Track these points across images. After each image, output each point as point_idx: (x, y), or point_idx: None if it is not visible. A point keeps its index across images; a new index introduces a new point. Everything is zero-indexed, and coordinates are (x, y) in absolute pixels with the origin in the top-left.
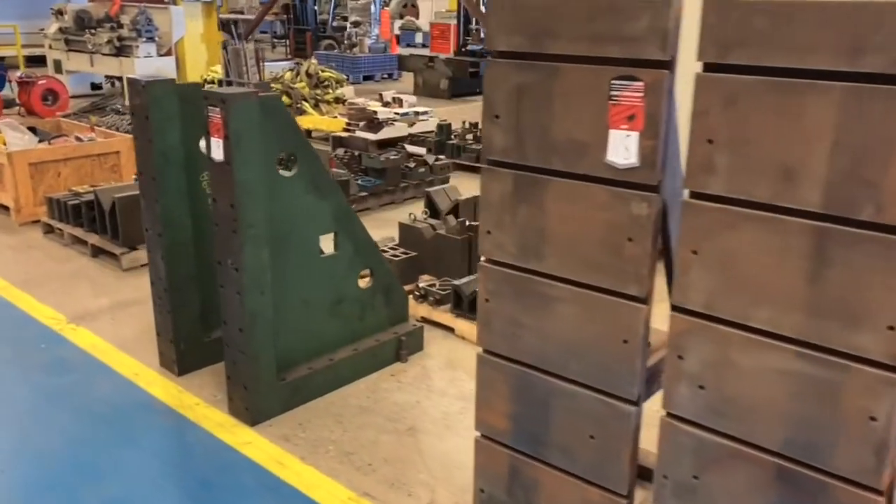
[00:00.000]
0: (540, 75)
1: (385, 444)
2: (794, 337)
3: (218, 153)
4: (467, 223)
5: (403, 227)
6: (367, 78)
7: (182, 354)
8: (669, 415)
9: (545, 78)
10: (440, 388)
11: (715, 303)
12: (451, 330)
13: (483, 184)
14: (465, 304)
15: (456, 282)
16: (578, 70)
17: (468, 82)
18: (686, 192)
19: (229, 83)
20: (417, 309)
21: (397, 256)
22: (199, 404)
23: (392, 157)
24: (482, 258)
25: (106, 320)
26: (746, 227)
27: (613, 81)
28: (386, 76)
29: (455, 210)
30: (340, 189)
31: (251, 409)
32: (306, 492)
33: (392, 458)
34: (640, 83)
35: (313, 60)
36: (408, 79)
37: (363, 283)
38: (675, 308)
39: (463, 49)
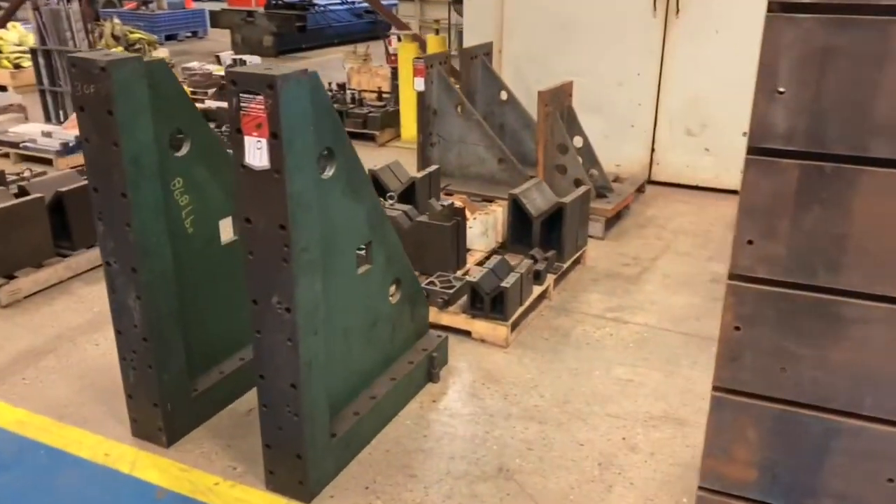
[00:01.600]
0: (863, 34)
1: (489, 497)
2: None
3: (259, 158)
4: (455, 206)
5: None
6: (169, 38)
7: (170, 418)
8: None
9: (872, 37)
10: (499, 410)
11: None
12: (466, 333)
13: (746, 181)
14: (486, 304)
15: (470, 278)
16: None
17: (295, 37)
18: None
19: (47, 53)
20: None
21: None
22: (220, 483)
23: None
24: (731, 275)
25: (17, 383)
26: None
27: None
28: (190, 34)
29: (411, 191)
30: (372, 185)
31: (307, 482)
32: None
33: None
34: None
35: (116, 20)
36: (218, 37)
37: (393, 297)
38: None
39: (275, 2)
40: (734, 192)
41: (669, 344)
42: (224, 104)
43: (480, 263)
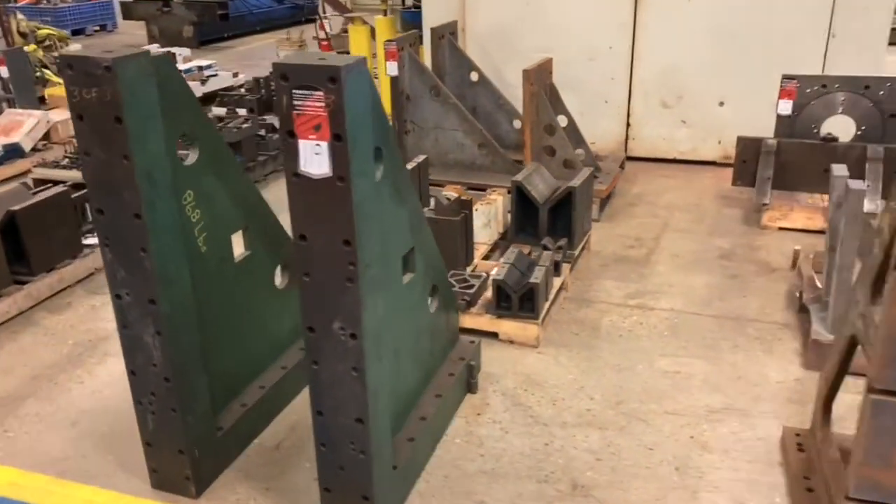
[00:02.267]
0: None
1: None
2: None
3: (319, 165)
4: (462, 198)
5: None
6: (76, 32)
7: (198, 465)
8: None
9: None
10: (552, 418)
11: None
12: (492, 335)
13: None
14: (513, 302)
15: (492, 275)
16: None
17: (217, 26)
18: None
19: None
20: None
21: None
22: None
23: (244, 127)
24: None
25: None
26: None
27: None
28: (98, 28)
29: None
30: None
31: None
32: None
33: None
34: None
35: (20, 16)
36: (130, 30)
37: (432, 306)
38: None
39: None
40: (713, 163)
41: (703, 328)
42: None
43: (486, 257)
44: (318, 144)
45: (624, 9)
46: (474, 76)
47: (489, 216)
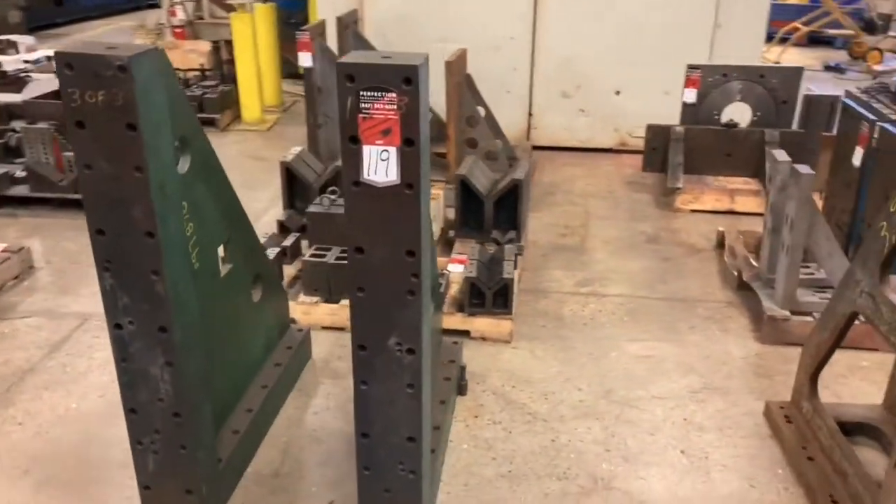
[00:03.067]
0: None
1: None
2: None
3: (386, 172)
4: None
5: (315, 216)
6: None
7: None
8: None
9: None
10: (549, 413)
11: None
12: (463, 333)
13: None
14: (487, 299)
15: (466, 273)
16: None
17: (49, 11)
18: None
19: None
20: None
21: (322, 257)
22: None
23: None
24: None
25: None
26: None
27: None
28: None
29: (336, 180)
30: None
31: None
32: None
33: None
34: None
35: None
36: None
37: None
38: None
39: None
40: (610, 150)
41: (657, 312)
42: (10, 97)
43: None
44: (385, 150)
45: (525, 1)
46: None
47: (434, 211)
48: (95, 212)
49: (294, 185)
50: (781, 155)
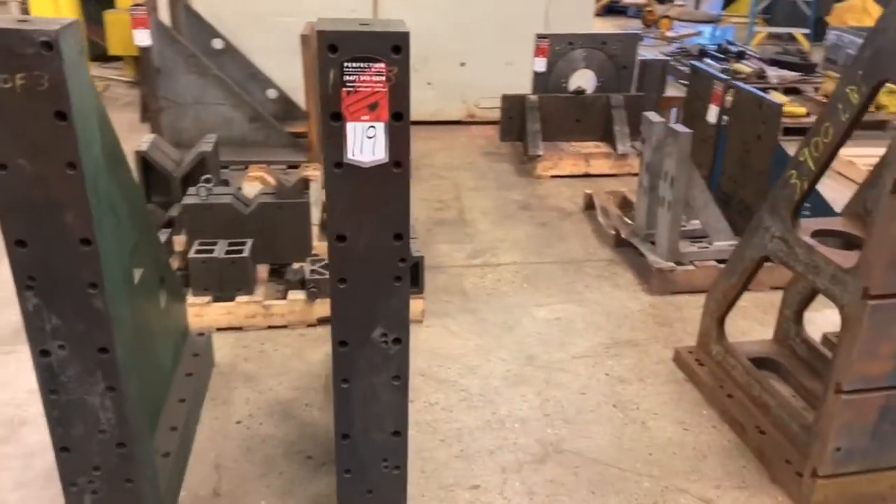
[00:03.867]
0: None
1: (565, 475)
2: None
3: (372, 150)
4: (305, 178)
5: (193, 209)
6: None
7: None
8: None
9: None
10: (483, 387)
11: None
12: None
13: None
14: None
15: None
16: None
17: None
18: None
19: None
20: (312, 311)
21: (209, 252)
22: None
23: None
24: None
25: None
26: None
27: None
28: None
29: (201, 168)
30: None
31: None
32: None
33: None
34: None
35: None
36: None
37: None
38: None
39: None
40: (459, 122)
41: (552, 275)
42: None
43: (321, 239)
44: (372, 126)
45: None
46: (218, 44)
47: (314, 195)
48: (14, 220)
49: (150, 177)
50: (654, 116)
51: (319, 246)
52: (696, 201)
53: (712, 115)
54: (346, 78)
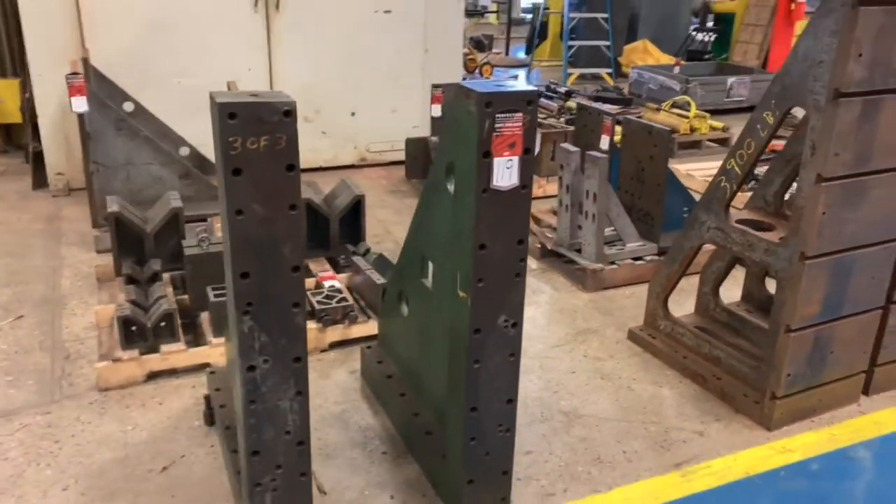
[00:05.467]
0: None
1: None
2: None
3: (509, 177)
4: None
5: (196, 258)
6: None
7: None
8: None
9: None
10: None
11: None
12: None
13: (836, 115)
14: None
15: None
16: None
17: None
18: None
19: None
20: (325, 338)
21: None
22: None
23: None
24: (820, 179)
25: None
26: None
27: None
28: None
29: (174, 223)
30: None
31: (508, 497)
32: None
33: None
34: None
35: None
36: None
37: None
38: None
39: None
40: (352, 166)
41: None
42: None
43: None
44: (510, 160)
45: (258, 32)
46: (129, 106)
47: None
48: (242, 256)
49: (121, 236)
50: (570, 147)
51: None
52: (612, 212)
53: (605, 143)
54: (497, 126)
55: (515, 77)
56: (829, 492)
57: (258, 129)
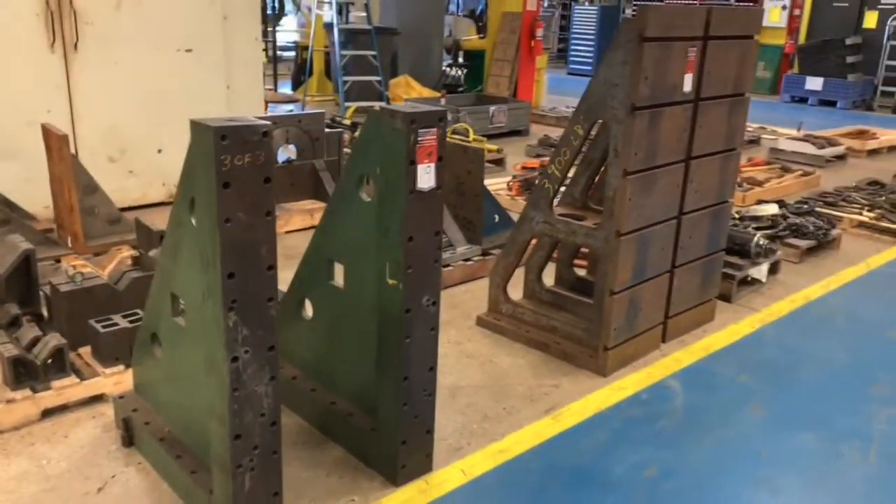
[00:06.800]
0: (668, 52)
1: None
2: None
3: (428, 181)
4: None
5: (73, 294)
6: None
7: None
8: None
9: (669, 52)
10: None
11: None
12: None
13: (633, 124)
14: None
15: None
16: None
17: None
18: None
19: None
20: None
21: (115, 325)
22: None
23: None
24: (625, 174)
25: None
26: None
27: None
28: None
29: (26, 265)
30: None
31: (432, 454)
32: None
33: None
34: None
35: None
36: None
37: None
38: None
39: None
40: (161, 203)
41: None
42: None
43: None
44: (428, 167)
45: (56, 72)
46: None
47: None
48: (229, 259)
49: None
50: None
51: None
52: (444, 222)
53: None
54: (419, 139)
55: (291, 111)
56: (659, 411)
57: (243, 148)
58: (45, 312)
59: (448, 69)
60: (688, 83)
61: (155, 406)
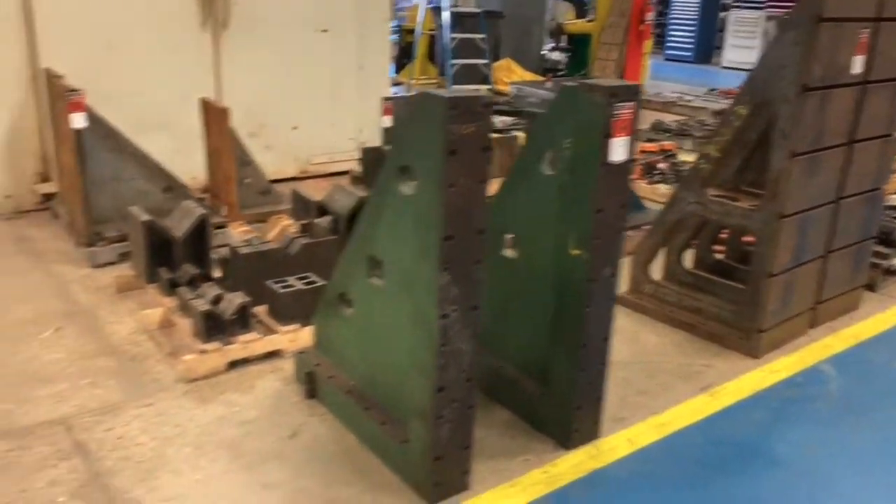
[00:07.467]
0: (840, 32)
1: None
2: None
3: (622, 154)
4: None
5: (251, 257)
6: None
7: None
8: None
9: (842, 32)
10: None
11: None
12: None
13: (804, 105)
14: None
15: None
16: None
17: None
18: None
19: None
20: None
21: (291, 287)
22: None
23: None
24: (792, 155)
25: None
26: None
27: None
28: None
29: (201, 228)
30: None
31: (601, 421)
32: None
33: None
34: None
35: None
36: None
37: None
38: None
39: None
40: (294, 178)
41: None
42: None
43: None
44: (623, 140)
45: (206, 50)
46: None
47: None
48: (449, 221)
49: (152, 243)
50: None
51: None
52: None
53: None
54: (615, 112)
55: (396, 94)
56: (815, 394)
57: (469, 118)
58: (213, 273)
59: (548, 52)
60: (857, 65)
61: (337, 361)
